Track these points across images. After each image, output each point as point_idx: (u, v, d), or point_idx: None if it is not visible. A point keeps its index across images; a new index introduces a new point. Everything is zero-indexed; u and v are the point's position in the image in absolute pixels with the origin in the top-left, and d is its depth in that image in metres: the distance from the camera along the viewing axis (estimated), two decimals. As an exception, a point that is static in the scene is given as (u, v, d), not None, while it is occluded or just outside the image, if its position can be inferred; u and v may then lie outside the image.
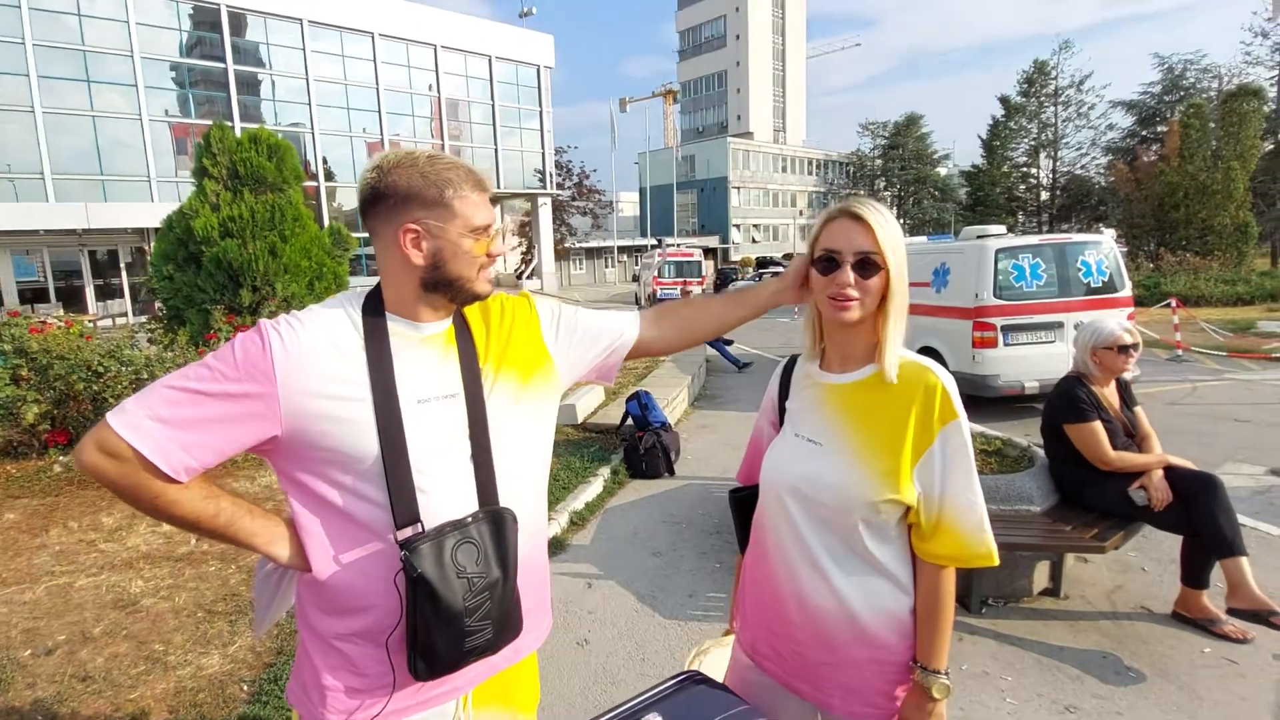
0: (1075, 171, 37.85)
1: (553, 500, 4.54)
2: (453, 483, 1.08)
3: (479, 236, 1.09)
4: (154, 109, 22.67)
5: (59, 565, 3.65)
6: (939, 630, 1.17)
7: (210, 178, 6.57)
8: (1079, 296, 6.47)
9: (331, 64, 26.55)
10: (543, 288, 32.31)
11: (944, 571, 1.17)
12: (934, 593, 1.18)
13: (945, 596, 1.18)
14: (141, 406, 0.95)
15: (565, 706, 2.55)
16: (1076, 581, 3.31)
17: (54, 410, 5.23)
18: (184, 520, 1.01)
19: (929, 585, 1.18)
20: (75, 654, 2.82)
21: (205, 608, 3.16)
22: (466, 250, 1.08)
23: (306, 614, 1.11)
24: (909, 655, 1.20)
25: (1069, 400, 3.15)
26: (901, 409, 1.16)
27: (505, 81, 31.85)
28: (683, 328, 1.42)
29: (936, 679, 1.16)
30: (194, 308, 6.39)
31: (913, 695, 1.19)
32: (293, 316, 1.06)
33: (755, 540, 1.36)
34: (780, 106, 65.39)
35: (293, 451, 1.03)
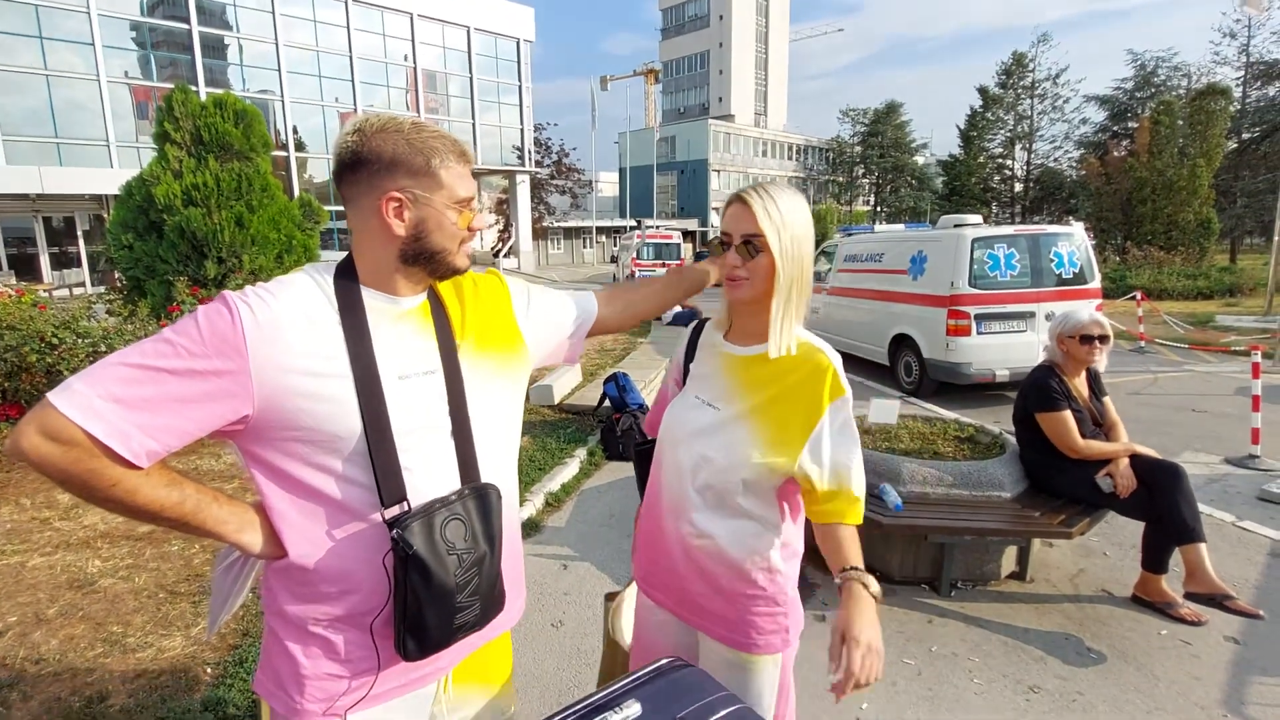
0: (1048, 164, 38.47)
1: (528, 481, 4.50)
2: (435, 460, 1.06)
3: (463, 209, 1.07)
4: (113, 70, 21.70)
5: (10, 544, 3.51)
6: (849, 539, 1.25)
7: (172, 143, 6.30)
8: (1050, 287, 6.59)
9: (303, 29, 25.66)
10: (520, 267, 31.95)
11: (842, 527, 1.26)
12: (838, 539, 1.25)
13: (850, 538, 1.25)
14: (92, 386, 0.86)
15: (540, 688, 2.53)
16: (1042, 565, 3.39)
17: (4, 383, 5.01)
18: (143, 510, 0.93)
19: (833, 539, 1.26)
20: (28, 636, 2.72)
21: (167, 588, 3.07)
22: (451, 222, 1.06)
23: (279, 602, 1.06)
24: (776, 590, 1.33)
25: (1041, 389, 3.20)
26: (794, 385, 1.28)
27: (484, 54, 31.15)
28: (629, 307, 1.48)
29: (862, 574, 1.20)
30: (155, 278, 6.15)
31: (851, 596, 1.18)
32: (261, 288, 0.99)
33: (650, 487, 1.48)
34: (762, 90, 65.09)
35: (265, 432, 0.97)
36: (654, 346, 9.25)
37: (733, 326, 1.39)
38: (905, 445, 3.60)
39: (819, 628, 2.88)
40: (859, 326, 8.28)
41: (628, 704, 1.12)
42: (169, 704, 2.32)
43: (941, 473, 3.26)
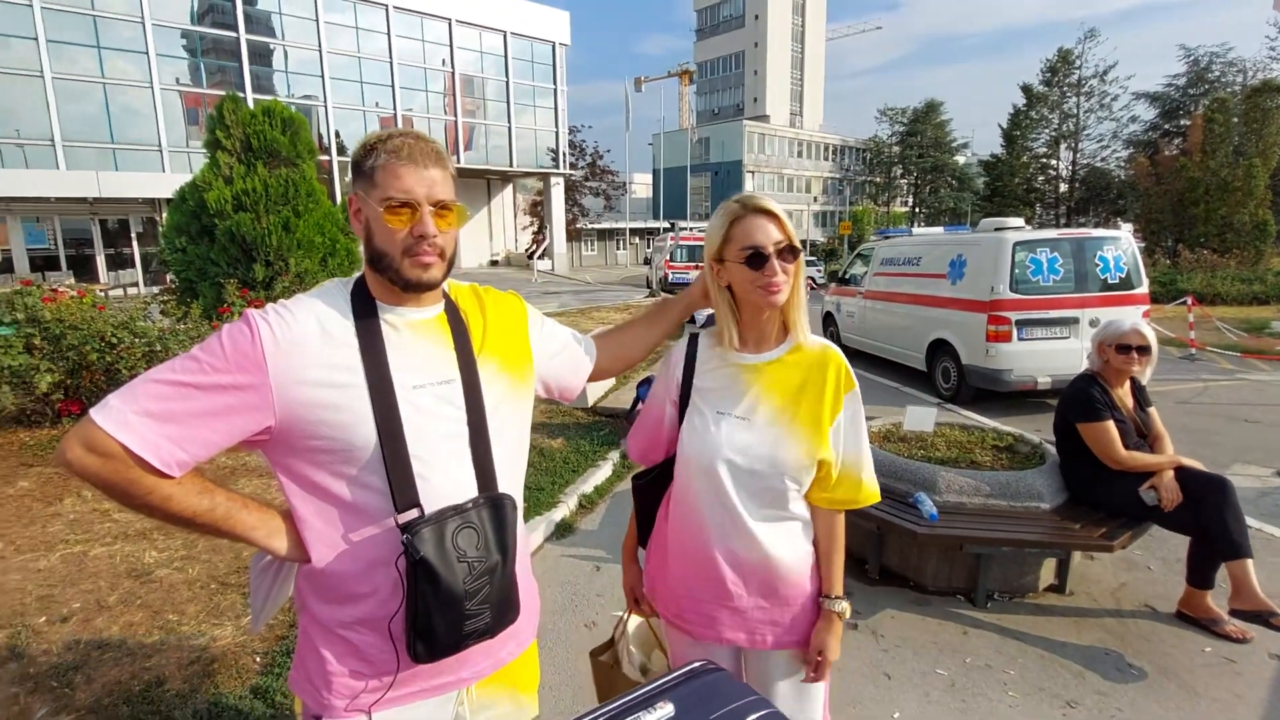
0: (1095, 164, 37.34)
1: (561, 483, 4.57)
2: (451, 468, 1.08)
3: (395, 210, 1.03)
4: (165, 77, 22.58)
5: (73, 534, 3.71)
6: (837, 564, 1.40)
7: (223, 150, 6.56)
8: (1095, 292, 6.41)
9: (345, 36, 26.33)
10: (554, 269, 32.22)
11: (839, 515, 1.40)
12: (833, 534, 1.40)
13: (841, 534, 1.41)
14: (127, 402, 0.92)
15: (573, 689, 2.58)
16: (1082, 579, 3.31)
17: (67, 380, 5.27)
18: (179, 516, 0.99)
19: (829, 528, 1.39)
20: (91, 621, 2.87)
21: (218, 580, 3.21)
22: (382, 224, 1.03)
23: (307, 603, 1.11)
24: (814, 590, 1.41)
25: (1082, 398, 3.13)
26: (815, 382, 1.34)
27: (520, 58, 31.54)
28: (620, 350, 1.50)
29: (839, 602, 1.39)
30: (207, 281, 6.41)
31: (824, 621, 1.39)
32: (281, 305, 1.05)
33: (677, 513, 1.44)
34: (798, 90, 64.48)
35: (287, 442, 1.02)
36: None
37: (745, 336, 1.39)
38: (942, 453, 3.56)
39: (847, 635, 2.88)
40: (895, 331, 8.16)
41: (661, 704, 1.14)
42: (221, 690, 2.43)
43: (979, 482, 3.22)
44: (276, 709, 2.34)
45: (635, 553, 1.62)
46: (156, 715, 2.30)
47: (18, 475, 4.56)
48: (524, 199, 37.18)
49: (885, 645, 2.83)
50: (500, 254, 34.61)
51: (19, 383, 5.10)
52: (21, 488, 4.35)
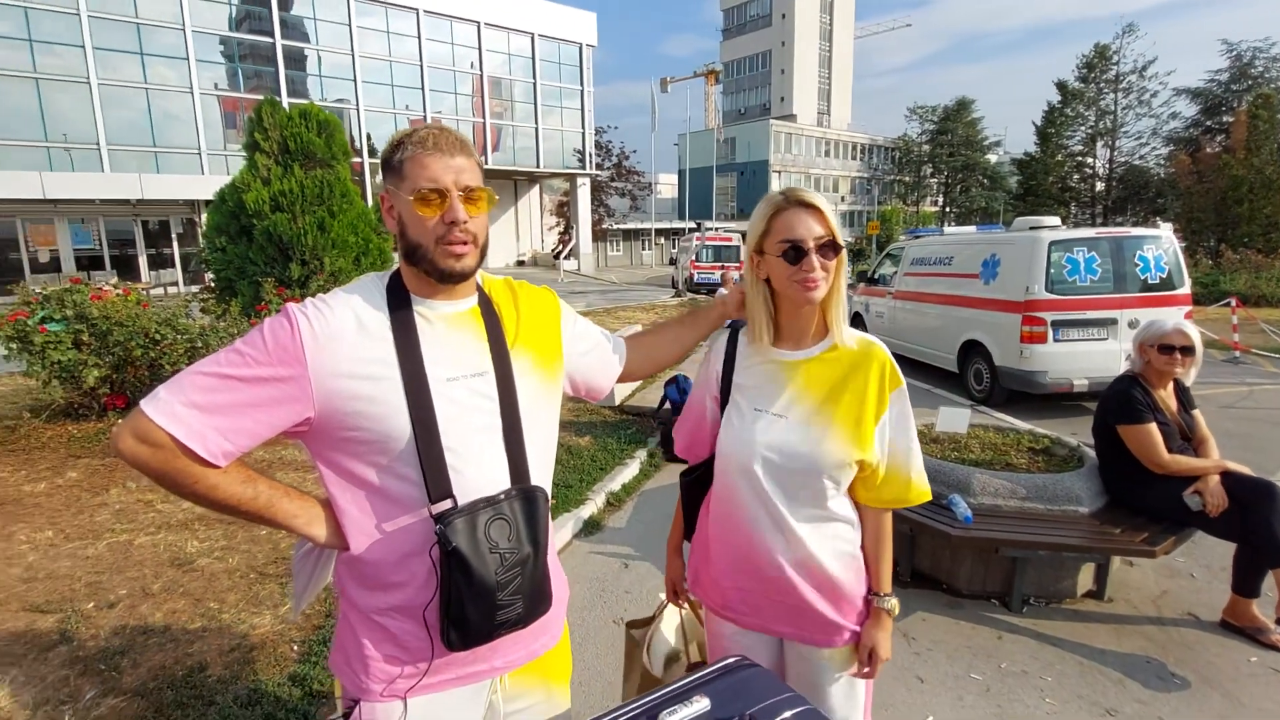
0: (1133, 162, 36.28)
1: (589, 480, 4.59)
2: (484, 460, 1.09)
3: (425, 199, 1.04)
4: (204, 82, 23.18)
5: (119, 523, 3.83)
6: (885, 562, 1.39)
7: (261, 152, 6.71)
8: (1135, 293, 6.25)
9: (376, 40, 26.77)
10: (580, 269, 32.37)
11: (887, 514, 1.38)
12: (881, 532, 1.38)
13: (889, 533, 1.39)
14: (175, 394, 0.96)
15: (602, 684, 2.59)
16: (1122, 585, 3.24)
17: (113, 374, 5.45)
18: (224, 504, 1.02)
19: (876, 527, 1.38)
20: (136, 608, 2.97)
21: (257, 569, 3.29)
22: (413, 214, 1.06)
23: (346, 589, 1.14)
24: (863, 588, 1.39)
25: (1123, 400, 3.05)
26: (858, 379, 1.31)
27: (547, 59, 31.75)
28: (652, 352, 1.51)
29: (889, 600, 1.38)
30: (245, 279, 6.57)
31: (874, 619, 1.39)
32: (319, 300, 1.07)
33: (719, 509, 1.44)
34: (825, 88, 63.87)
35: (326, 432, 1.05)
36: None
37: (782, 333, 1.37)
38: (976, 455, 3.50)
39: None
40: (926, 332, 8.04)
41: (696, 699, 1.15)
42: (260, 677, 2.50)
43: (1015, 485, 3.16)
44: (314, 696, 2.40)
45: (680, 547, 1.63)
46: (199, 700, 2.37)
47: (66, 466, 4.73)
48: (550, 199, 37.42)
49: (917, 648, 2.80)
50: (526, 254, 34.88)
51: (68, 377, 5.28)
52: (70, 478, 4.51)
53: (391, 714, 1.10)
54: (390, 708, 1.10)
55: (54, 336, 5.18)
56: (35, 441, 5.23)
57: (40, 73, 20.10)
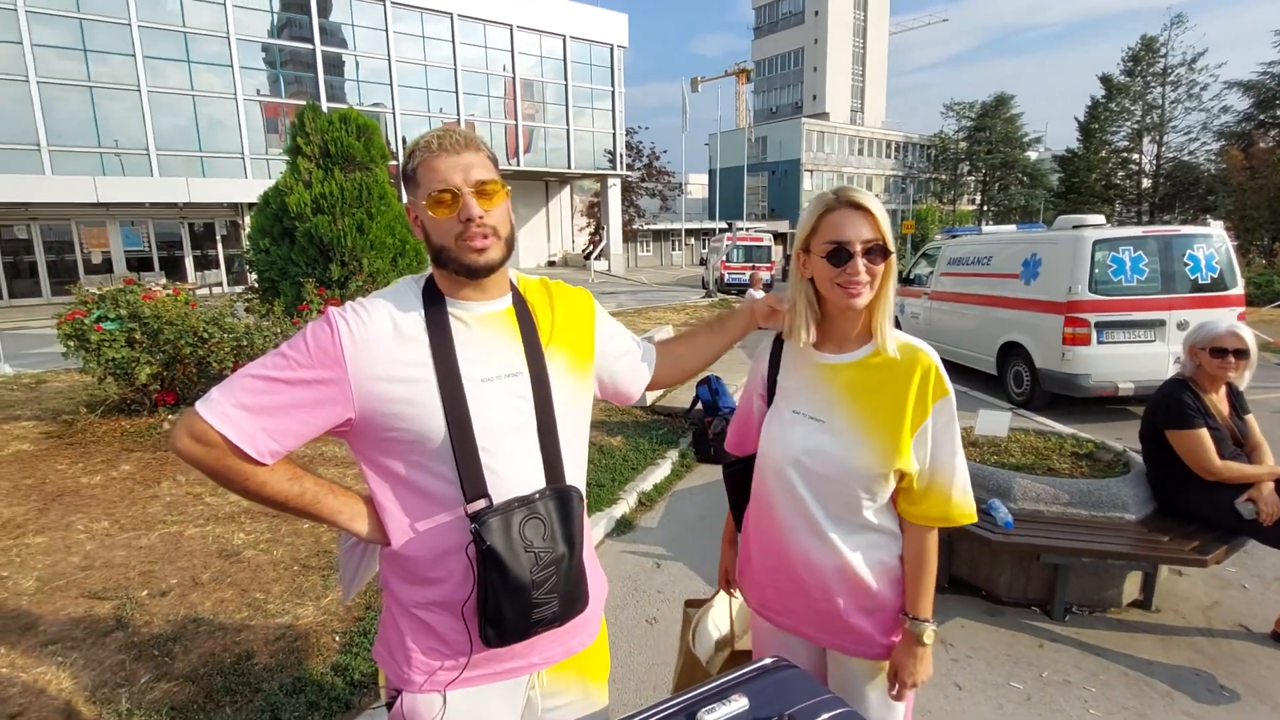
0: (1182, 158, 35.03)
1: (621, 480, 4.62)
2: (519, 460, 1.11)
3: (438, 201, 1.07)
4: (247, 88, 23.85)
5: (170, 515, 3.98)
6: (925, 584, 1.31)
7: (303, 156, 6.89)
8: (1184, 293, 6.04)
9: (412, 45, 27.22)
10: (610, 269, 32.48)
11: (930, 531, 1.30)
12: (921, 550, 1.30)
13: (930, 553, 1.30)
14: (226, 395, 1.00)
15: (635, 682, 2.61)
16: (1170, 595, 3.14)
17: (163, 372, 5.65)
18: (272, 500, 1.07)
19: (916, 544, 1.31)
20: (187, 597, 3.08)
21: (300, 562, 3.39)
22: (431, 218, 1.08)
23: (389, 582, 1.17)
24: (901, 605, 1.33)
25: (1173, 404, 2.96)
26: (899, 386, 1.25)
27: (579, 61, 31.91)
28: (677, 362, 1.50)
29: (926, 626, 1.29)
30: (287, 280, 6.76)
31: (904, 642, 1.31)
32: (358, 304, 1.10)
33: (757, 509, 1.44)
34: (859, 86, 63.00)
35: (367, 432, 1.08)
36: (745, 350, 9.20)
37: (824, 335, 1.35)
38: (1016, 460, 3.43)
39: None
40: (964, 334, 7.89)
41: (735, 698, 1.15)
42: (304, 666, 2.57)
43: (1057, 490, 3.09)
44: (355, 686, 2.46)
45: (734, 538, 1.62)
46: (246, 686, 2.45)
47: (120, 459, 4.92)
48: (581, 200, 37.61)
49: (955, 655, 2.75)
50: (557, 255, 35.11)
51: (121, 374, 5.49)
52: (124, 471, 4.70)
53: (432, 706, 1.13)
54: (430, 699, 1.13)
55: (109, 335, 5.39)
56: (91, 435, 5.45)
57: (94, 81, 20.92)
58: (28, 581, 3.22)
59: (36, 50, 19.70)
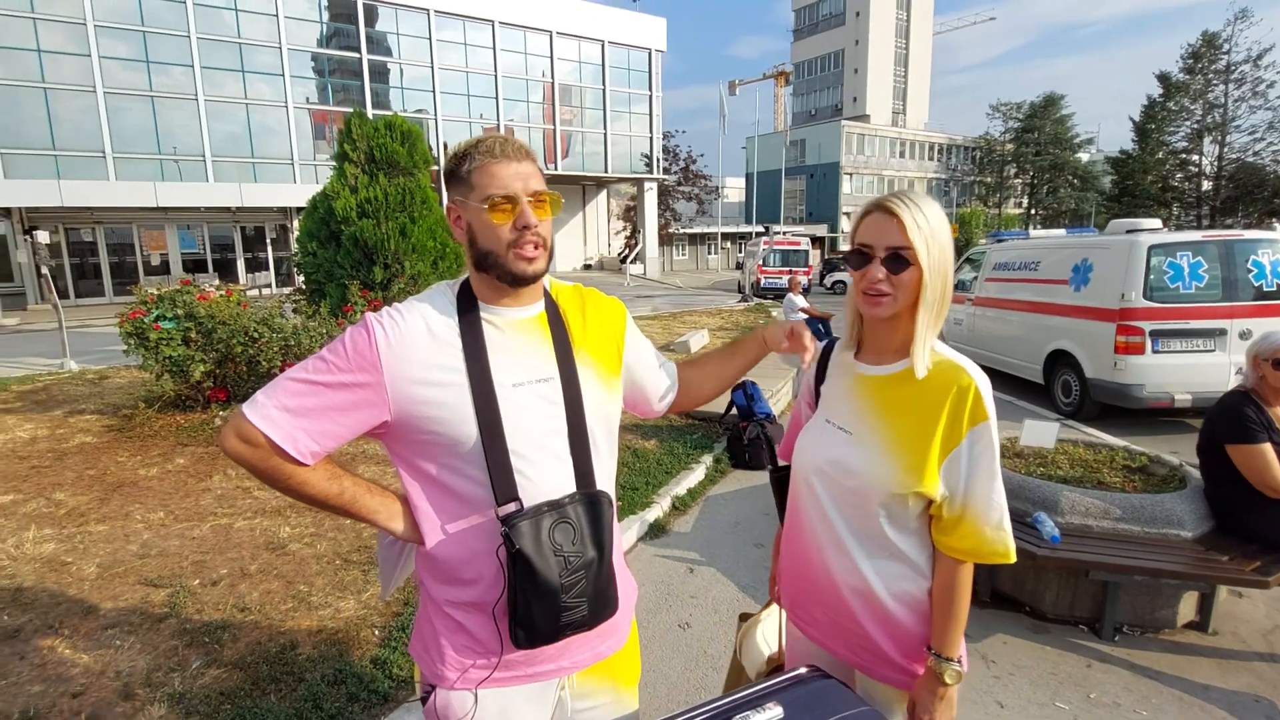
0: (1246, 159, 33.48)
1: (655, 484, 4.62)
2: (551, 464, 1.12)
3: (497, 206, 1.07)
4: (297, 97, 24.63)
5: (221, 508, 4.13)
6: (953, 620, 1.22)
7: (350, 162, 7.10)
8: (1248, 301, 5.76)
9: (454, 52, 27.77)
10: (645, 273, 32.55)
11: (961, 565, 1.21)
12: (950, 585, 1.22)
13: (961, 589, 1.22)
14: (270, 398, 1.04)
15: (667, 687, 2.61)
16: (1228, 617, 3.00)
17: (216, 369, 5.88)
18: (313, 498, 1.10)
19: (946, 577, 1.22)
20: (236, 587, 3.19)
21: (342, 556, 3.48)
22: (485, 223, 1.08)
23: (424, 581, 1.20)
24: (927, 635, 1.25)
25: (1234, 418, 2.83)
26: (933, 406, 1.18)
27: (617, 66, 32.10)
28: (688, 393, 1.48)
29: (949, 665, 1.21)
30: (333, 282, 6.96)
31: (926, 679, 1.24)
32: (394, 309, 1.12)
33: (789, 515, 1.42)
34: (901, 87, 61.91)
35: (402, 434, 1.10)
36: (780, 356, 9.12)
37: (864, 345, 1.32)
38: (1064, 472, 3.32)
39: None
40: (1009, 341, 7.67)
41: (769, 706, 1.14)
42: (345, 658, 2.64)
43: (1108, 504, 2.98)
44: (394, 679, 2.52)
45: None
46: (290, 676, 2.53)
47: (175, 453, 5.14)
48: (618, 204, 37.79)
49: (997, 672, 2.67)
50: (594, 258, 35.33)
51: (177, 371, 5.73)
52: (179, 464, 4.90)
53: (465, 703, 1.15)
54: (463, 697, 1.15)
55: (166, 334, 5.64)
56: (149, 430, 5.70)
57: (155, 91, 21.90)
58: (90, 568, 3.38)
59: (104, 62, 20.71)
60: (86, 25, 20.26)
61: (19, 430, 5.82)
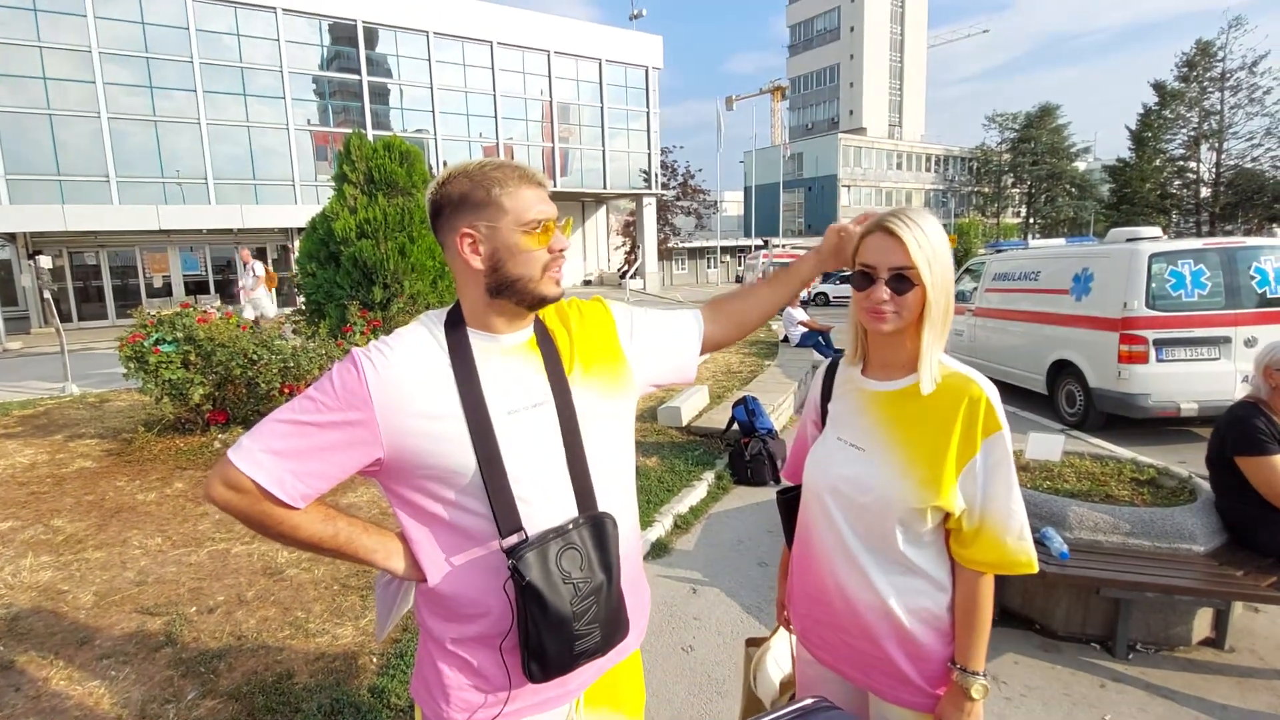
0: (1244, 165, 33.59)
1: (657, 502, 4.57)
2: (551, 490, 1.09)
3: (533, 230, 1.07)
4: (298, 119, 24.87)
5: (218, 532, 4.09)
6: (977, 634, 1.21)
7: (349, 183, 7.12)
8: (1251, 308, 5.73)
9: (453, 73, 28.04)
10: (645, 287, 32.61)
11: (982, 578, 1.21)
12: (972, 598, 1.21)
13: (983, 602, 1.21)
14: (256, 441, 1.01)
15: (671, 712, 2.55)
16: (1246, 634, 2.93)
17: (215, 392, 5.85)
18: (307, 543, 1.07)
19: (967, 591, 1.22)
20: (232, 614, 3.14)
21: (340, 582, 3.43)
22: (523, 247, 1.07)
23: (425, 620, 1.16)
24: (948, 653, 1.24)
25: (1243, 429, 2.79)
26: (944, 419, 1.18)
27: (614, 84, 32.39)
28: (737, 319, 1.44)
29: (975, 680, 1.20)
30: (333, 302, 6.95)
31: (951, 694, 1.22)
32: (382, 342, 1.09)
33: (800, 537, 1.40)
34: (897, 100, 62.39)
35: (397, 471, 1.07)
36: (781, 370, 9.09)
37: (870, 360, 1.31)
38: (1071, 485, 3.28)
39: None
40: (1011, 351, 7.64)
41: (774, 741, 1.11)
42: (342, 687, 2.58)
43: (1117, 519, 2.93)
44: (393, 709, 2.47)
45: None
46: (286, 706, 2.48)
47: (174, 477, 5.10)
48: (617, 219, 37.94)
49: (1009, 693, 2.61)
50: (593, 274, 35.42)
51: (177, 394, 5.71)
52: (177, 489, 4.86)
53: None
54: None
55: (166, 357, 5.62)
56: (148, 453, 5.67)
57: (159, 116, 22.13)
58: (86, 596, 3.34)
59: (108, 88, 20.96)
60: (91, 53, 20.52)
61: (19, 455, 5.79)
